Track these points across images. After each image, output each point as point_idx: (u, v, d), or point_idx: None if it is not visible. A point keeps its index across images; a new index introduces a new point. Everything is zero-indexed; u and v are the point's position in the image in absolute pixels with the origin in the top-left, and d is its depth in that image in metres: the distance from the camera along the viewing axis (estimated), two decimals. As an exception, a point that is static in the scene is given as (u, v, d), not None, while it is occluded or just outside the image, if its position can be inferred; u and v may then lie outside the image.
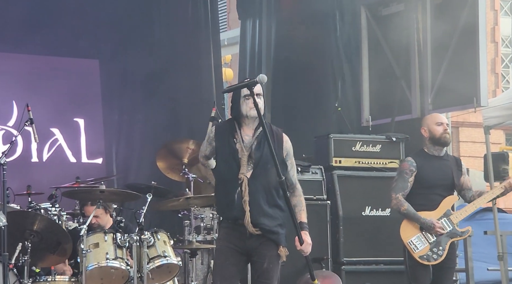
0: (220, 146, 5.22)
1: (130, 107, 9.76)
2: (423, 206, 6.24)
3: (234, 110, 5.25)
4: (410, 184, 6.25)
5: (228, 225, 5.20)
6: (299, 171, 8.10)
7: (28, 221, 6.46)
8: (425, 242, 6.20)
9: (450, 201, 6.32)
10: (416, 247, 6.18)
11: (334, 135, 8.51)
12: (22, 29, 9.25)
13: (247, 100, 5.17)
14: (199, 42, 10.19)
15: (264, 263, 5.15)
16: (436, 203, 6.26)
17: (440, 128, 6.32)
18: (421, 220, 6.18)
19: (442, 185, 6.30)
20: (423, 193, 6.26)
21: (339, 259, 8.18)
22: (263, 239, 5.14)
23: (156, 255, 6.51)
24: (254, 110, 5.15)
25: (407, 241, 6.19)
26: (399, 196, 6.22)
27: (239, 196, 5.11)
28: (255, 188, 5.11)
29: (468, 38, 8.68)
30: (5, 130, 9.16)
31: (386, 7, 9.55)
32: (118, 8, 9.67)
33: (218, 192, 5.29)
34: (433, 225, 6.17)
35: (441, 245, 6.20)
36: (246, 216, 5.08)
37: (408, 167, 6.27)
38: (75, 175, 7.80)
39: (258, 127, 5.22)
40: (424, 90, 9.20)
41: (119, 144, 9.74)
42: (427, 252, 6.18)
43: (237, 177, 5.12)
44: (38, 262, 6.61)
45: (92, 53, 9.66)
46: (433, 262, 6.19)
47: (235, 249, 5.16)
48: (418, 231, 6.21)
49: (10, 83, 9.24)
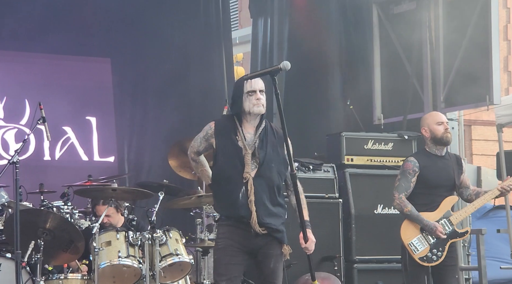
0: (222, 143, 5.11)
1: (142, 106, 9.78)
2: (424, 206, 6.22)
3: (235, 106, 5.14)
4: (413, 184, 6.22)
5: (230, 223, 5.11)
6: (311, 169, 8.10)
7: (41, 219, 6.48)
8: (425, 243, 6.19)
9: (450, 201, 6.29)
10: (416, 248, 6.18)
11: (346, 134, 8.50)
12: (35, 28, 9.28)
13: (250, 96, 5.09)
14: (210, 41, 10.20)
15: (271, 263, 5.11)
16: (437, 203, 6.25)
17: (441, 127, 6.29)
18: (424, 222, 6.17)
19: (444, 185, 6.28)
20: (425, 193, 6.23)
21: (351, 257, 8.18)
22: (268, 239, 5.10)
23: (168, 253, 6.52)
24: (257, 106, 5.08)
25: (408, 243, 6.18)
26: (402, 196, 6.20)
27: (244, 195, 5.03)
28: (260, 188, 5.05)
29: (480, 36, 8.65)
30: (18, 128, 9.19)
31: (397, 5, 9.52)
32: (130, 7, 9.69)
33: (219, 190, 5.15)
34: (435, 228, 6.16)
35: (441, 246, 6.20)
36: (253, 216, 5.01)
37: (412, 167, 6.24)
38: (87, 173, 7.83)
39: (260, 125, 5.15)
40: (436, 88, 9.17)
41: (131, 142, 9.76)
42: (427, 253, 6.18)
43: (241, 175, 5.04)
44: (51, 260, 6.63)
45: (104, 52, 9.68)
46: (432, 263, 6.19)
47: (238, 248, 5.08)
48: (418, 232, 6.19)
49: (22, 82, 9.28)
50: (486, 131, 19.31)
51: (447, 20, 9.08)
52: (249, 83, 5.13)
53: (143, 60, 9.78)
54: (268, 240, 5.10)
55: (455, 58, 8.96)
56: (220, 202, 5.18)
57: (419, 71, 9.34)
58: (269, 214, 5.08)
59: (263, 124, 5.16)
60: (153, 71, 9.84)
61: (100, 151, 9.56)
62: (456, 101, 9.10)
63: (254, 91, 5.11)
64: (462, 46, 8.84)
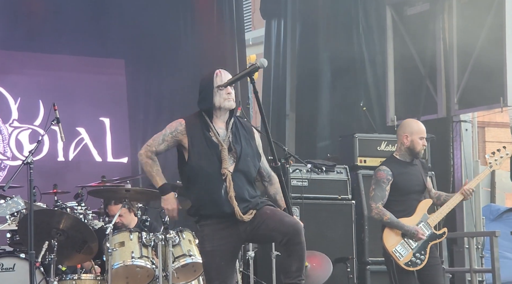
0: (195, 140, 4.95)
1: (155, 107, 9.79)
2: (401, 212, 6.30)
3: (204, 102, 5.02)
4: (387, 192, 6.30)
5: (213, 222, 4.93)
6: (324, 170, 8.09)
7: (55, 220, 6.50)
8: (408, 248, 6.27)
9: (425, 205, 6.39)
10: (401, 254, 6.25)
11: (359, 135, 8.49)
12: (49, 29, 9.32)
13: (220, 90, 4.99)
14: (224, 42, 10.21)
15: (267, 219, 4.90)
16: (413, 208, 6.34)
17: (422, 142, 6.38)
18: (405, 228, 6.25)
19: (416, 190, 6.37)
20: (400, 199, 6.32)
21: (364, 258, 8.16)
22: (253, 217, 4.93)
23: (181, 254, 6.53)
24: (228, 101, 4.98)
25: (392, 250, 6.25)
26: (380, 205, 6.27)
27: (225, 192, 4.89)
28: (239, 182, 4.93)
29: (494, 38, 8.63)
30: (32, 129, 9.23)
31: (411, 7, 9.51)
32: (143, 9, 9.71)
33: (197, 189, 4.96)
34: (416, 232, 6.25)
35: (423, 249, 6.28)
36: (236, 211, 4.87)
37: (385, 176, 6.31)
38: (101, 174, 7.83)
39: (229, 120, 5.05)
40: (450, 89, 9.15)
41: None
42: (411, 258, 6.25)
43: (220, 172, 4.90)
44: (64, 260, 6.65)
45: (118, 53, 9.70)
46: (417, 267, 6.27)
47: (227, 247, 4.93)
48: (400, 238, 6.27)
49: (36, 83, 9.32)
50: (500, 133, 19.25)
51: (461, 22, 9.06)
52: (218, 77, 5.03)
53: (156, 62, 9.80)
54: (255, 214, 4.94)
55: (469, 60, 8.93)
56: (200, 201, 4.97)
57: (432, 73, 9.32)
58: (248, 202, 4.95)
59: (232, 119, 5.06)
60: (166, 73, 9.86)
61: (113, 151, 9.58)
62: (470, 103, 9.08)
63: (224, 86, 5.03)
64: (476, 48, 8.82)
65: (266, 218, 4.92)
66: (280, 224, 4.89)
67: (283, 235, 4.85)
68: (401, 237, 6.26)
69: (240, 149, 4.98)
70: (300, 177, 7.99)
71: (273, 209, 4.98)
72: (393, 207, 6.29)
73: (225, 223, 4.93)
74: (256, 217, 4.94)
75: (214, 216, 4.95)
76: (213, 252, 4.94)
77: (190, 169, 5.00)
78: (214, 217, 4.95)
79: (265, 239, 5.21)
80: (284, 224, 4.88)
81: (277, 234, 4.89)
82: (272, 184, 5.15)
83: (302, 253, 4.87)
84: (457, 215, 9.29)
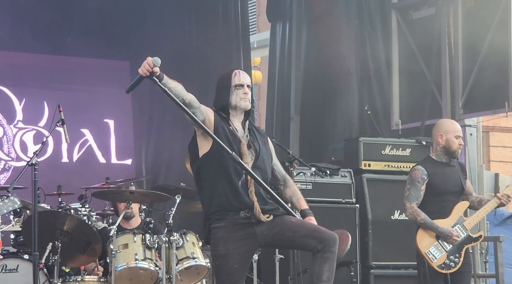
0: (220, 129, 4.86)
1: (160, 109, 9.79)
2: (436, 213, 6.20)
3: (220, 100, 4.96)
4: (422, 192, 6.21)
5: (227, 224, 4.84)
6: (328, 173, 8.09)
7: (59, 221, 6.51)
8: (442, 250, 6.18)
9: (462, 207, 6.29)
10: (434, 256, 6.16)
11: (363, 139, 8.48)
12: (54, 30, 9.33)
13: (237, 90, 4.96)
14: (229, 45, 10.22)
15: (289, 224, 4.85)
16: (449, 209, 6.24)
17: (458, 141, 6.29)
18: (439, 229, 6.15)
19: (453, 191, 6.28)
20: (435, 200, 6.22)
21: (368, 263, 8.15)
22: (272, 221, 4.86)
23: (185, 256, 6.53)
24: (244, 101, 4.95)
25: (426, 251, 6.16)
26: (414, 205, 6.19)
27: (243, 185, 4.83)
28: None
29: (499, 42, 8.61)
30: (36, 130, 9.24)
31: (416, 11, 9.50)
32: (149, 11, 9.72)
33: (216, 179, 4.84)
34: (450, 234, 6.15)
35: (457, 252, 6.19)
36: (256, 205, 4.81)
37: (420, 175, 6.23)
38: (105, 176, 7.84)
39: (245, 121, 5.02)
40: (454, 94, 9.14)
41: (149, 145, 9.79)
42: (444, 260, 6.16)
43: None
44: (68, 262, 6.65)
45: (123, 55, 9.71)
46: (451, 270, 6.17)
47: (242, 250, 4.85)
48: (434, 240, 6.17)
49: (41, 84, 9.33)
50: (504, 138, 19.24)
51: (466, 26, 9.05)
52: (237, 76, 5.00)
53: (161, 64, 9.77)
54: (271, 221, 4.87)
55: (474, 64, 8.93)
56: (219, 192, 4.85)
57: (437, 77, 9.31)
58: (267, 203, 4.91)
59: (248, 122, 5.05)
60: (171, 75, 9.79)
61: (117, 153, 9.59)
62: (475, 107, 9.07)
63: (242, 85, 4.98)
64: (481, 52, 8.81)
65: (294, 226, 4.88)
66: (315, 232, 4.86)
67: (320, 242, 4.82)
68: (435, 239, 6.16)
69: (259, 147, 4.97)
70: (304, 180, 7.99)
71: (298, 219, 4.95)
72: (428, 208, 6.19)
73: (240, 225, 4.86)
74: (277, 223, 4.88)
75: (229, 214, 4.85)
76: (227, 256, 4.85)
77: (212, 157, 4.85)
78: (229, 217, 4.85)
79: (291, 245, 5.15)
80: (320, 231, 4.87)
81: (311, 240, 4.84)
82: (288, 187, 5.13)
83: (334, 262, 4.85)
84: (461, 220, 9.28)
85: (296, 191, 5.13)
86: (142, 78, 4.80)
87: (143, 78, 4.80)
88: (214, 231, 4.91)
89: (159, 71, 4.79)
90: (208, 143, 4.89)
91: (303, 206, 5.06)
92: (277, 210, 4.92)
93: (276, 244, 5.08)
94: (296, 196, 5.10)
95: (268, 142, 5.14)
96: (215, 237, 4.91)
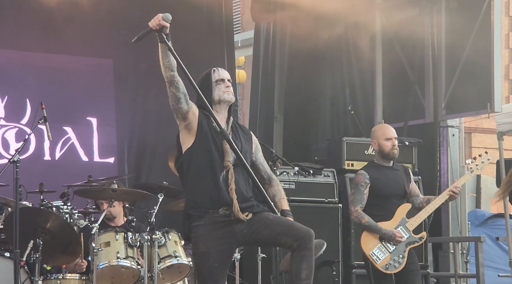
0: (203, 125, 4.89)
1: (143, 107, 9.76)
2: (380, 216, 6.39)
3: (204, 97, 4.96)
4: (366, 196, 6.40)
5: (207, 222, 4.85)
6: (311, 173, 8.10)
7: (41, 219, 6.48)
8: (386, 251, 6.35)
9: (404, 209, 6.46)
10: (378, 258, 6.33)
11: (347, 139, 8.51)
12: (37, 28, 9.28)
13: (219, 85, 5.04)
14: (213, 43, 10.19)
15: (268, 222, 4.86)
16: (392, 212, 6.43)
17: (389, 143, 6.46)
18: (382, 231, 6.34)
19: (395, 194, 6.46)
20: (378, 203, 6.41)
21: (350, 262, 8.18)
22: (250, 220, 4.88)
23: (167, 255, 6.52)
24: (228, 94, 5.01)
25: (369, 253, 6.34)
26: (358, 209, 6.38)
27: (224, 180, 4.85)
28: (238, 177, 4.90)
29: (482, 44, 8.66)
30: (19, 128, 9.18)
31: (400, 11, 9.52)
32: (133, 8, 9.68)
33: (198, 174, 4.86)
34: (393, 235, 6.33)
35: (401, 253, 6.36)
36: (235, 203, 4.82)
37: (363, 180, 6.42)
38: (87, 174, 7.81)
39: (229, 118, 5.05)
40: (437, 95, 9.19)
41: (131, 144, 9.75)
42: (388, 261, 6.33)
43: (221, 164, 4.87)
44: (49, 260, 6.62)
45: (106, 53, 9.67)
46: (394, 270, 6.34)
47: (222, 248, 4.87)
48: (378, 241, 6.36)
49: (24, 81, 9.27)
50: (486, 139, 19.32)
51: (450, 27, 9.09)
52: (216, 73, 5.11)
53: (145, 62, 9.76)
54: (252, 218, 4.89)
55: (457, 66, 8.97)
56: (200, 187, 4.88)
57: (421, 78, 9.35)
58: (248, 200, 4.93)
59: (231, 118, 5.08)
60: (154, 73, 9.78)
61: (100, 151, 9.54)
62: (457, 108, 9.12)
63: (222, 79, 5.07)
64: (464, 54, 8.85)
65: (271, 223, 4.89)
66: (291, 229, 4.87)
67: (295, 239, 4.83)
68: (379, 241, 6.35)
69: (241, 145, 4.99)
70: (288, 179, 8.00)
71: (276, 215, 4.95)
72: (372, 211, 6.39)
73: (220, 223, 4.88)
74: (256, 221, 4.90)
75: (211, 208, 4.86)
76: (208, 254, 4.87)
77: (194, 150, 4.90)
78: (208, 215, 4.87)
79: (268, 243, 5.15)
80: (296, 228, 4.87)
81: (287, 238, 4.85)
82: (272, 186, 5.14)
83: (312, 259, 4.85)
84: (443, 220, 9.33)
85: (280, 191, 5.14)
86: (151, 31, 4.82)
87: (152, 31, 4.81)
88: (195, 230, 4.92)
89: (168, 27, 4.80)
90: (191, 137, 4.93)
91: (284, 207, 5.08)
92: (256, 207, 4.95)
93: (255, 242, 5.10)
94: (278, 195, 5.11)
95: (252, 140, 5.15)
96: (195, 236, 4.92)
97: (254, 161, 5.14)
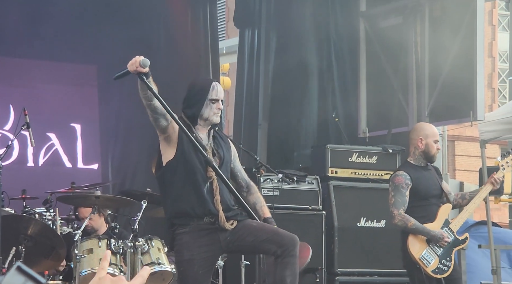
0: (184, 138, 4.83)
1: (127, 114, 9.75)
2: (423, 218, 6.11)
3: (193, 109, 4.94)
4: (407, 198, 6.10)
5: (191, 229, 4.83)
6: (295, 180, 8.10)
7: (23, 225, 6.45)
8: (434, 255, 6.07)
9: (446, 209, 6.23)
10: (428, 261, 6.05)
11: (330, 146, 8.51)
12: (20, 33, 9.25)
13: (212, 104, 4.96)
14: (198, 50, 10.20)
15: (250, 230, 4.86)
16: (433, 213, 6.17)
17: (436, 146, 6.26)
18: (431, 233, 6.03)
19: (435, 194, 6.23)
20: (420, 205, 6.14)
21: (334, 269, 8.17)
22: (235, 227, 4.88)
23: (150, 262, 6.50)
24: (216, 116, 4.96)
25: (419, 257, 6.03)
26: (402, 211, 6.05)
27: (209, 192, 4.84)
28: (222, 187, 4.89)
29: (465, 52, 8.70)
30: (1, 134, 9.15)
31: (384, 19, 9.56)
32: (118, 14, 9.67)
33: (181, 186, 4.84)
34: (442, 236, 6.05)
35: (448, 256, 6.11)
36: (220, 214, 4.82)
37: (404, 181, 6.13)
38: (71, 180, 7.79)
39: (210, 130, 5.03)
40: (421, 102, 9.22)
41: (115, 150, 9.74)
42: (437, 265, 6.06)
43: (206, 174, 4.85)
44: (32, 266, 6.58)
45: (90, 59, 9.65)
46: (444, 274, 6.08)
47: (206, 255, 4.85)
48: (425, 244, 6.07)
49: (7, 87, 9.25)
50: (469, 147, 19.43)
51: (433, 35, 9.13)
52: (214, 91, 4.99)
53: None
54: (236, 226, 4.90)
55: (440, 74, 9.01)
56: (184, 199, 4.85)
57: (404, 86, 9.38)
58: (230, 210, 4.93)
59: (212, 129, 5.07)
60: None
61: (84, 158, 9.53)
62: (441, 116, 9.15)
63: (217, 100, 5.00)
64: (447, 62, 8.89)
65: (254, 230, 4.88)
66: (274, 235, 4.86)
67: (279, 246, 4.82)
68: (426, 244, 6.06)
69: (223, 154, 4.99)
70: (271, 186, 8.00)
71: (259, 222, 4.94)
72: (414, 213, 6.07)
73: (205, 230, 4.87)
74: (239, 228, 4.90)
75: (193, 219, 4.85)
76: (192, 261, 4.84)
77: (177, 164, 4.87)
78: (193, 222, 4.85)
79: (252, 250, 5.14)
80: (280, 235, 4.86)
81: (270, 245, 4.84)
82: (251, 194, 5.12)
83: (295, 266, 4.83)
84: (426, 228, 9.34)
85: (260, 198, 5.12)
86: (128, 73, 4.82)
87: (129, 73, 4.81)
88: (179, 237, 4.90)
89: (147, 71, 4.84)
90: (171, 150, 4.91)
91: (266, 214, 5.06)
92: (240, 215, 4.94)
93: (239, 249, 5.10)
94: (259, 203, 5.09)
95: (231, 148, 5.14)
96: (179, 243, 4.90)
97: (232, 168, 5.12)
